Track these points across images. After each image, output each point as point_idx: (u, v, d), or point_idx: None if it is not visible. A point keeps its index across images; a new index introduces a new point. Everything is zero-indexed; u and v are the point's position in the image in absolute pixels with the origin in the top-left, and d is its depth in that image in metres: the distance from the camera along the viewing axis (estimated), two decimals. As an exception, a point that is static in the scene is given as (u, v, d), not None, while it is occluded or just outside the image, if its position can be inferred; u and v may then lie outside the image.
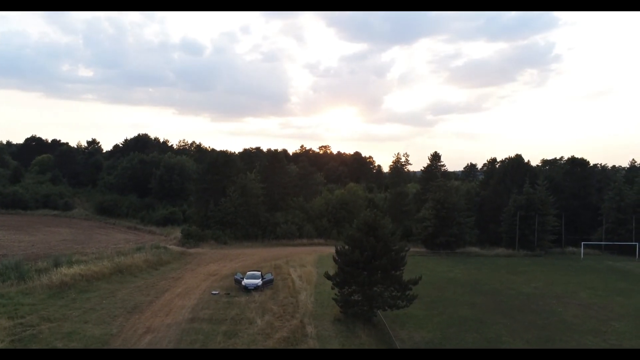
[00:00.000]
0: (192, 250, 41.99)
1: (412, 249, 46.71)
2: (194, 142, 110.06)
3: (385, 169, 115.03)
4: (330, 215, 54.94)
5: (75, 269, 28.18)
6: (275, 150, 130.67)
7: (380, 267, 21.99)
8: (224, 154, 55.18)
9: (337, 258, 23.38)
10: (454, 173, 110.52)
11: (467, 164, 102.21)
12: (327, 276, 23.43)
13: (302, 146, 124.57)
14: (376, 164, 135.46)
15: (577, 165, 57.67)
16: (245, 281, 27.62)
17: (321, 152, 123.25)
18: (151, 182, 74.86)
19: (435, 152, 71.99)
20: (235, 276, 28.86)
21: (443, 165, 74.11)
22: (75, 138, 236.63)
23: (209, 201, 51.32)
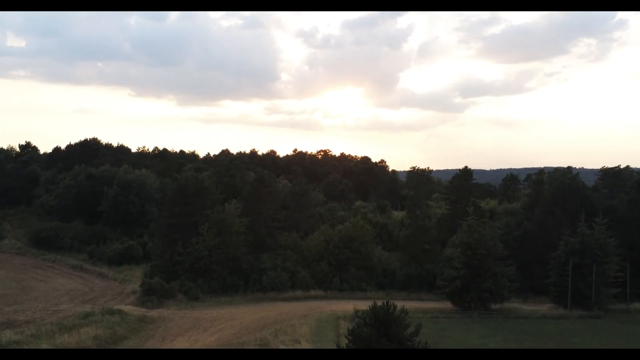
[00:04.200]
0: (154, 313, 42.04)
1: (436, 306, 47.14)
2: (156, 148, 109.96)
3: (401, 169, 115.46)
4: (331, 257, 55.11)
5: (5, 360, 28.16)
6: (264, 155, 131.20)
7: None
8: (194, 179, 55.03)
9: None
10: (487, 185, 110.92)
11: (507, 176, 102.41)
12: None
13: (295, 150, 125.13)
14: (390, 169, 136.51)
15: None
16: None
17: (319, 157, 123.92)
18: (102, 204, 75.05)
19: (466, 167, 72.19)
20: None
21: (475, 185, 74.46)
22: (3, 136, 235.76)
23: (176, 241, 51.34)
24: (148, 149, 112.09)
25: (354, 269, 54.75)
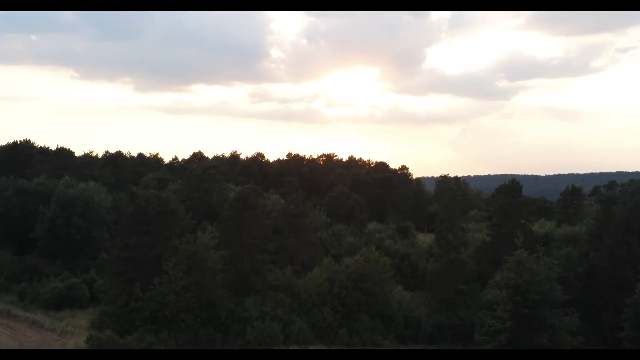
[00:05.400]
0: (104, 379, 42.04)
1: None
2: (107, 152, 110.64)
3: (428, 174, 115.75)
4: (337, 301, 55.21)
5: None
6: (248, 160, 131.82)
7: None
8: (157, 199, 55.16)
9: None
10: (542, 200, 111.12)
11: (567, 188, 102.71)
12: None
13: (289, 154, 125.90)
14: (413, 177, 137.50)
15: None
16: None
17: (321, 162, 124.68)
18: (36, 229, 75.29)
19: (514, 181, 72.33)
20: None
21: (525, 202, 74.53)
22: None
23: (134, 281, 51.45)
24: (97, 154, 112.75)
25: (367, 317, 54.75)
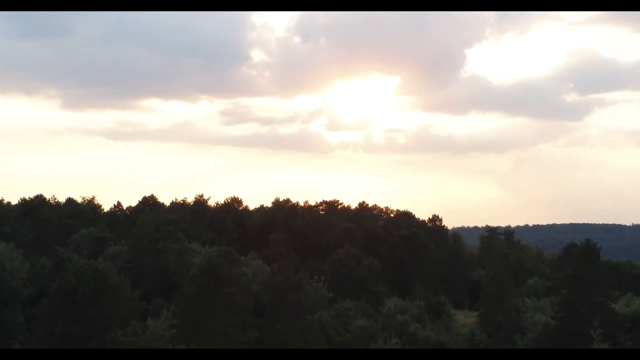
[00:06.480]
0: None
1: None
2: (23, 198, 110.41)
3: (470, 224, 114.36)
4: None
5: None
6: (219, 209, 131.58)
7: None
8: (91, 270, 54.80)
9: None
10: (627, 264, 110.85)
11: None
12: None
13: (276, 200, 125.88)
14: (448, 229, 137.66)
15: None
16: None
17: (321, 211, 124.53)
18: None
19: (589, 242, 71.98)
20: None
21: (603, 270, 74.23)
22: None
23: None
24: (9, 201, 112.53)
25: None
